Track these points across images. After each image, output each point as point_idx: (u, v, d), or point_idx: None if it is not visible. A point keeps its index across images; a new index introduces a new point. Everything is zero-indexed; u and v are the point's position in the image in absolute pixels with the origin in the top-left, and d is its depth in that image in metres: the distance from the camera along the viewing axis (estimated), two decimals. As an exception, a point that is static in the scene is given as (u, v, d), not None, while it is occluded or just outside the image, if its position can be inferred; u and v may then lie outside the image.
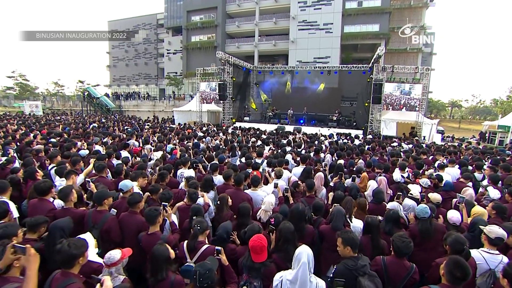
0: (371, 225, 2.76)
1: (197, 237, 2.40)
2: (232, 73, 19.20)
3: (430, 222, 2.97)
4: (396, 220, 3.07)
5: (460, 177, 4.81)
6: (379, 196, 3.71)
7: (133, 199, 2.94)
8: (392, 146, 9.05)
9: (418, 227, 3.00)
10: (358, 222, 3.12)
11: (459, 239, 2.30)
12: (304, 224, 2.81)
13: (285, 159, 5.29)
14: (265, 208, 3.21)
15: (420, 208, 3.04)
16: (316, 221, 3.15)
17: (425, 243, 2.98)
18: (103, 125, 12.85)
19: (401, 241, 2.30)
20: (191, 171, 4.50)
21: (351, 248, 2.16)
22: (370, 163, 5.28)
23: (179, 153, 5.92)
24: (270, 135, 10.16)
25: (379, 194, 3.72)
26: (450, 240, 2.33)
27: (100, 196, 2.96)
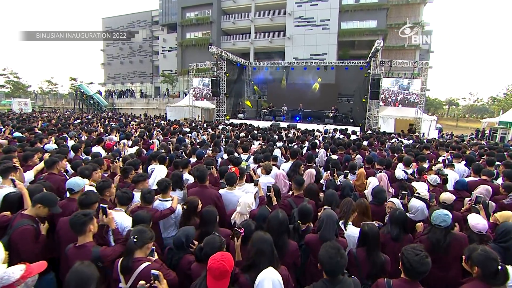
0: (368, 235, 2.18)
1: (133, 253, 1.81)
2: (225, 69, 18.59)
3: (448, 232, 2.36)
4: (403, 221, 2.49)
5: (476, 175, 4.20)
6: (381, 195, 3.14)
7: (87, 199, 2.35)
8: (391, 142, 8.49)
9: (430, 237, 2.37)
10: (354, 229, 2.54)
11: (490, 255, 1.69)
12: (285, 239, 2.19)
13: (274, 154, 4.70)
14: (241, 210, 2.62)
15: (438, 214, 2.39)
16: (306, 231, 2.53)
17: (440, 259, 2.35)
18: (87, 122, 12.19)
19: (414, 254, 1.69)
20: (162, 167, 3.89)
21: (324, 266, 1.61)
22: (370, 159, 4.69)
23: (156, 148, 5.31)
24: (261, 130, 9.58)
25: (380, 193, 3.15)
26: (478, 258, 1.71)
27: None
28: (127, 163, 3.88)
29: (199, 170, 3.21)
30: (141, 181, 3.05)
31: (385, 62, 14.60)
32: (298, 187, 3.11)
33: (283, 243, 2.15)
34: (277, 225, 2.14)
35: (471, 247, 1.82)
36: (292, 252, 2.20)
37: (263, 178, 3.64)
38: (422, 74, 15.19)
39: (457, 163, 5.15)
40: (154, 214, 2.67)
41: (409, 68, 15.86)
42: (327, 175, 3.81)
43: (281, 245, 2.12)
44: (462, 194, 3.63)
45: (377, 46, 13.91)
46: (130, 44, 48.64)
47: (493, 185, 3.71)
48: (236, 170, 3.33)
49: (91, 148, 5.64)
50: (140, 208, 2.70)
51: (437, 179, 3.77)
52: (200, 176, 3.18)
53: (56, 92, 53.21)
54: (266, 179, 3.64)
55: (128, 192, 2.72)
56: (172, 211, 2.81)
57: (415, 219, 2.99)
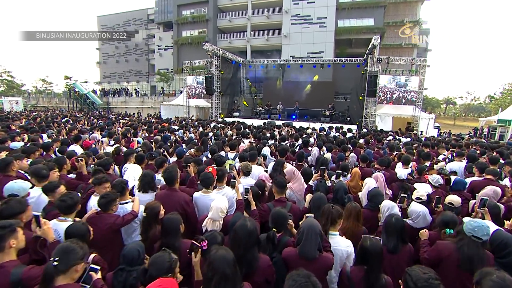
0: (369, 252, 1.80)
1: (52, 280, 1.39)
2: (220, 67, 18.19)
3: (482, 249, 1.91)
4: (401, 230, 2.11)
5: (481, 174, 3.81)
6: (377, 199, 2.76)
7: (8, 209, 1.93)
8: (388, 140, 8.15)
9: (463, 250, 1.92)
10: (343, 242, 2.16)
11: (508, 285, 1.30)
12: (255, 253, 1.82)
13: (262, 153, 4.32)
14: (213, 216, 2.25)
15: (477, 224, 1.92)
16: (280, 242, 2.14)
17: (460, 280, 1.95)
18: (75, 120, 11.75)
19: (422, 272, 1.35)
20: (137, 167, 3.51)
21: None
22: (364, 157, 4.31)
23: (136, 146, 4.93)
24: (254, 128, 9.20)
25: (376, 196, 2.78)
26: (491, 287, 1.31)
27: None
28: (96, 163, 3.49)
29: (167, 170, 2.84)
30: (103, 183, 2.67)
31: (382, 59, 14.29)
32: (279, 190, 2.73)
33: (252, 258, 1.79)
34: (244, 237, 1.78)
35: (484, 271, 1.43)
36: (263, 268, 1.84)
37: (242, 180, 3.27)
38: (420, 72, 14.90)
39: (459, 161, 4.81)
40: (115, 221, 2.29)
41: (406, 66, 15.58)
42: (316, 175, 3.38)
43: (249, 260, 1.76)
44: (464, 195, 3.28)
45: (374, 43, 13.59)
46: (126, 43, 48.23)
47: (501, 186, 3.37)
48: (213, 170, 2.96)
49: (68, 146, 5.29)
50: (98, 214, 2.32)
51: (439, 180, 3.40)
52: (168, 178, 2.81)
53: (51, 91, 52.57)
54: (246, 182, 3.27)
55: (68, 199, 2.24)
56: (135, 215, 2.44)
57: (416, 227, 2.63)
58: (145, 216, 2.31)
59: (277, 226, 2.15)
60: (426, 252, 2.12)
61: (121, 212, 2.53)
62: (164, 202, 2.56)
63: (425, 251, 2.12)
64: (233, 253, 1.48)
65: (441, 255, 2.02)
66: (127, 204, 2.60)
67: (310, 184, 3.27)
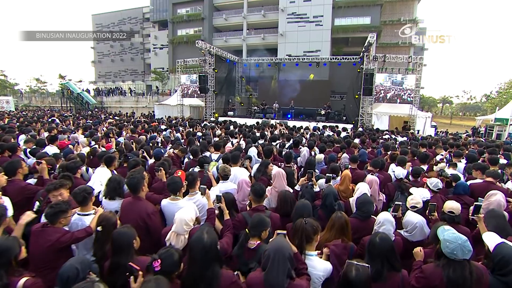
0: (355, 284, 1.52)
1: None
2: (214, 65, 17.84)
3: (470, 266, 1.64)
4: (388, 252, 1.76)
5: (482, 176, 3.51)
6: (367, 208, 2.44)
7: None
8: (384, 139, 7.87)
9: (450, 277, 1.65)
10: (319, 263, 1.85)
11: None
12: (215, 269, 1.55)
13: (248, 154, 4.00)
14: (176, 229, 1.93)
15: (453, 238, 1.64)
16: (258, 251, 1.88)
17: None
18: (63, 119, 11.35)
19: None
20: (105, 171, 3.18)
21: None
22: (355, 158, 3.98)
23: (114, 146, 4.59)
24: (245, 127, 8.88)
25: (366, 205, 2.43)
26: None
27: None
28: (59, 166, 3.16)
29: (130, 176, 2.48)
30: (56, 189, 2.34)
31: (378, 57, 14.03)
32: (256, 198, 2.41)
33: (212, 276, 1.51)
34: (200, 252, 1.51)
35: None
36: (226, 287, 1.56)
37: (220, 185, 2.95)
38: (417, 70, 14.67)
39: (458, 162, 4.52)
40: (59, 238, 1.95)
41: (403, 64, 15.36)
42: (303, 179, 3.04)
43: (209, 278, 1.49)
44: (465, 200, 2.98)
45: (370, 40, 13.33)
46: (121, 42, 47.86)
47: (503, 190, 3.08)
48: (182, 174, 2.63)
49: (44, 147, 4.95)
50: (43, 228, 1.99)
51: (438, 183, 3.05)
52: (131, 185, 2.44)
53: (45, 90, 51.88)
54: (225, 186, 2.95)
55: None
56: (89, 234, 2.09)
57: (412, 240, 2.31)
58: (100, 230, 1.98)
59: (252, 229, 1.89)
60: (415, 278, 1.78)
61: (79, 225, 2.20)
62: (125, 212, 2.25)
63: (415, 275, 1.80)
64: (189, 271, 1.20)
65: (430, 284, 1.71)
66: (88, 217, 2.26)
67: (296, 189, 2.95)
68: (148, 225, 2.25)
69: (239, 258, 2.00)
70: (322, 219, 2.45)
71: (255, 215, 2.02)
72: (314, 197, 2.86)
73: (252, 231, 1.95)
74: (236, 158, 3.54)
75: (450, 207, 2.33)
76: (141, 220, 2.35)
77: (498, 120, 14.35)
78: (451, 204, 2.36)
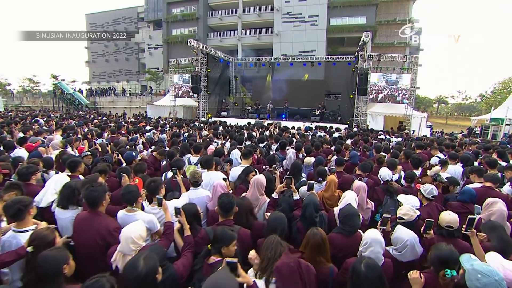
0: None
1: None
2: (207, 65, 17.50)
3: None
4: (379, 283, 1.46)
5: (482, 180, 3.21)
6: (352, 221, 2.11)
7: None
8: (378, 140, 7.59)
9: None
10: None
11: None
12: None
13: (229, 157, 3.68)
14: (122, 248, 1.62)
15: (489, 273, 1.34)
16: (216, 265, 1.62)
17: None
18: (48, 120, 10.92)
19: None
20: (61, 176, 2.85)
21: None
22: (341, 160, 3.66)
23: (87, 149, 4.25)
24: (236, 128, 8.55)
25: (350, 217, 2.11)
26: None
27: None
28: (17, 172, 2.82)
29: (90, 188, 2.10)
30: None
31: (373, 56, 13.81)
32: (222, 213, 2.09)
33: None
34: (134, 284, 1.23)
35: None
36: None
37: (191, 193, 2.62)
38: (412, 69, 14.49)
39: (453, 164, 4.25)
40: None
41: (398, 63, 15.18)
42: (281, 186, 2.67)
43: None
44: (471, 209, 2.66)
45: (364, 39, 13.11)
46: (115, 41, 47.47)
47: (503, 196, 2.80)
48: (140, 182, 2.31)
49: (13, 149, 4.60)
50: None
51: (433, 190, 2.70)
52: (90, 198, 2.07)
53: (38, 90, 51.10)
54: (196, 194, 2.62)
55: None
56: (20, 256, 1.75)
57: (403, 260, 1.97)
58: (31, 251, 1.66)
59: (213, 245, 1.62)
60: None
61: (12, 244, 1.87)
62: (80, 230, 1.93)
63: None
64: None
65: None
66: (25, 233, 1.91)
67: (274, 197, 2.63)
68: (111, 244, 1.92)
69: (197, 273, 1.73)
70: (301, 232, 2.14)
71: (219, 228, 1.70)
72: (292, 207, 2.54)
73: (213, 247, 1.65)
74: (209, 162, 3.20)
75: (448, 221, 2.02)
76: (100, 239, 2.01)
77: (494, 120, 14.22)
78: (448, 218, 2.05)
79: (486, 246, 2.03)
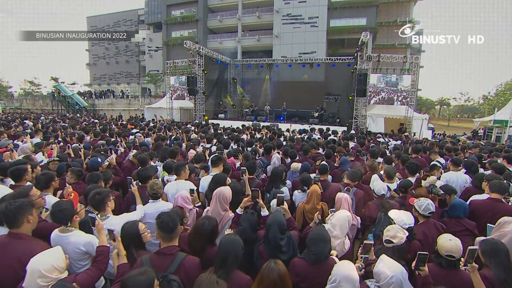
0: None
1: None
2: (204, 66, 17.23)
3: None
4: None
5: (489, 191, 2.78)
6: (317, 248, 1.71)
7: None
8: (376, 143, 7.18)
9: None
10: None
11: None
12: None
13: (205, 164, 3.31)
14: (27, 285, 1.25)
15: None
16: None
17: None
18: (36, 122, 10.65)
19: None
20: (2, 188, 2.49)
21: None
22: (324, 167, 3.24)
23: (55, 154, 3.92)
24: (227, 130, 8.19)
25: (317, 244, 1.72)
26: None
27: None
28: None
29: (9, 203, 1.68)
30: None
31: (372, 57, 13.44)
32: (163, 234, 1.67)
33: None
34: None
35: None
36: None
37: (149, 206, 2.23)
38: (412, 70, 14.10)
39: (455, 170, 3.86)
40: None
41: (398, 64, 14.80)
42: (246, 200, 2.27)
43: None
44: (467, 225, 2.28)
45: (363, 39, 12.76)
46: (116, 44, 47.70)
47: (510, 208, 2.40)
48: (75, 196, 1.95)
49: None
50: None
51: (429, 206, 2.28)
52: (6, 214, 1.67)
53: (39, 92, 51.31)
54: (155, 208, 2.24)
55: None
56: None
57: None
58: None
59: None
60: None
61: None
62: None
63: None
64: None
65: None
66: None
67: (238, 213, 2.24)
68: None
69: None
70: (264, 257, 1.78)
71: (128, 275, 1.30)
72: (255, 226, 2.11)
73: None
74: (179, 169, 2.82)
75: (449, 249, 1.63)
76: (21, 268, 1.55)
77: (497, 122, 13.76)
78: (450, 245, 1.64)
79: (486, 275, 1.65)
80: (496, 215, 2.24)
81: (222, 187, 2.36)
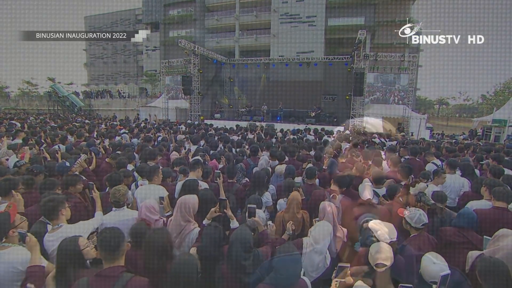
0: None
1: None
2: (200, 66, 17.01)
3: None
4: None
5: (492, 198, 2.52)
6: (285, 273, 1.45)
7: None
8: (370, 143, 6.95)
9: None
10: None
11: None
12: None
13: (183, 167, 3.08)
14: None
15: None
16: None
17: None
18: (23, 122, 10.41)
19: None
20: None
21: None
22: (311, 171, 2.97)
23: (27, 157, 3.70)
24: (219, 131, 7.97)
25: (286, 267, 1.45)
26: None
27: None
28: None
29: None
30: None
31: (369, 56, 13.23)
32: (105, 254, 1.42)
33: None
34: None
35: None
36: None
37: (111, 215, 1.98)
38: (410, 69, 13.90)
39: (452, 173, 3.64)
40: None
41: (395, 63, 14.60)
42: (213, 210, 2.02)
43: None
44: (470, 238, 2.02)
45: (360, 37, 12.54)
46: (114, 44, 47.45)
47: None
48: (14, 207, 1.73)
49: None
50: None
51: (421, 217, 2.01)
52: None
53: (36, 93, 51.04)
54: (118, 217, 2.00)
55: None
56: None
57: None
58: None
59: None
60: None
61: None
62: None
63: None
64: None
65: None
66: None
67: (204, 224, 1.99)
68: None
69: None
70: (227, 280, 1.54)
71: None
72: (219, 242, 1.79)
73: None
74: (150, 173, 2.58)
75: (433, 276, 1.36)
76: None
77: (496, 121, 13.56)
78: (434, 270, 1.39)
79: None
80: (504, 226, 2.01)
81: (188, 195, 2.12)
